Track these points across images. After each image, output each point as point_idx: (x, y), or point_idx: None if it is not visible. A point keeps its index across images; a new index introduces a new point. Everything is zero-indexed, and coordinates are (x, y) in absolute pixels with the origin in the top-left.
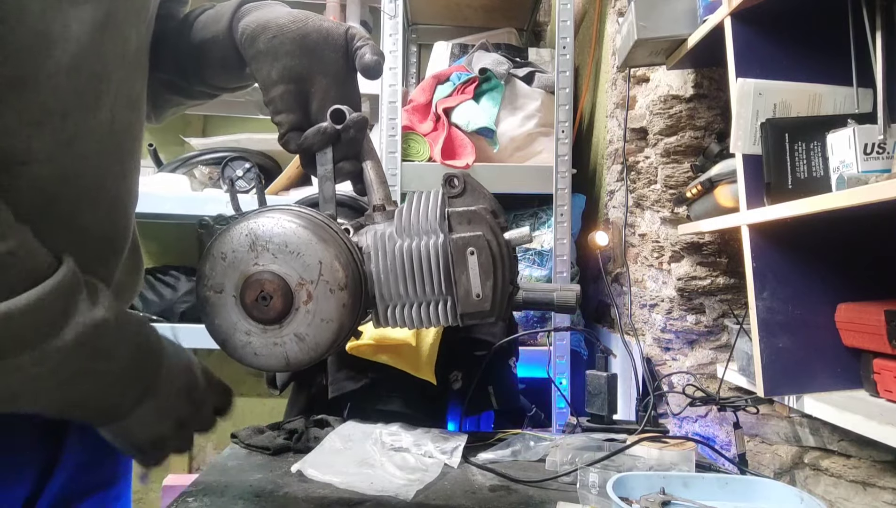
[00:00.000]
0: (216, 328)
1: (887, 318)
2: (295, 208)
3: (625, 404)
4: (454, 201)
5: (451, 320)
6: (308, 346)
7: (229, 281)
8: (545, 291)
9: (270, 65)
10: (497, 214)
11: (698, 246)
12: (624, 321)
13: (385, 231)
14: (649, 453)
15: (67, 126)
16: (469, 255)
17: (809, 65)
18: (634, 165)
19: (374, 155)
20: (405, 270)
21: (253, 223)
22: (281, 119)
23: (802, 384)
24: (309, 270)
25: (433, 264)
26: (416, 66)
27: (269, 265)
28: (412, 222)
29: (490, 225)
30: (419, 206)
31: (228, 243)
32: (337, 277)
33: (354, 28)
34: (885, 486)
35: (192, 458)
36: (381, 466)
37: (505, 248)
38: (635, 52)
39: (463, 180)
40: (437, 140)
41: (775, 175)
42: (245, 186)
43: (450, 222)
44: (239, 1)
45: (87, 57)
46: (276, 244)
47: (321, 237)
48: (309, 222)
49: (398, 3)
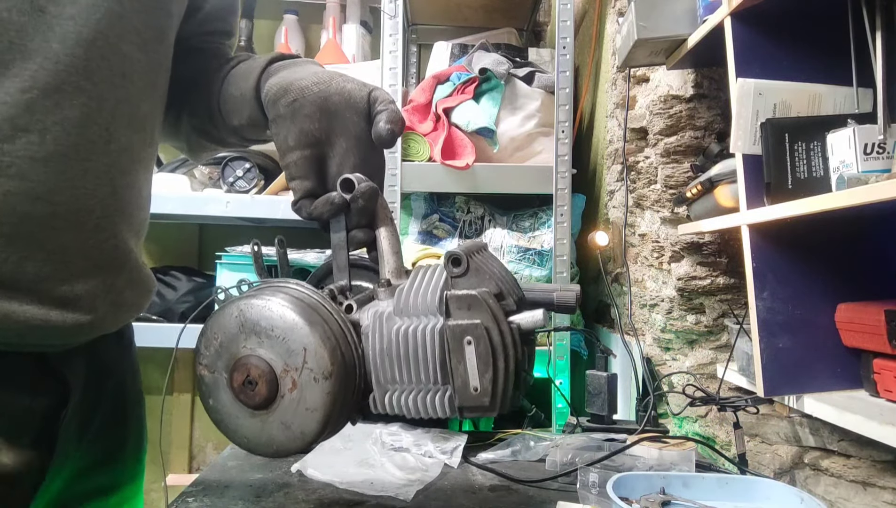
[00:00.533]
0: (210, 407)
1: (887, 318)
2: (294, 286)
3: (625, 404)
4: (457, 281)
5: (450, 412)
6: (294, 435)
7: (221, 362)
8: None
9: (288, 129)
10: (504, 295)
11: (698, 246)
12: (624, 321)
13: (384, 310)
14: (649, 453)
15: (46, 143)
16: (466, 344)
17: (809, 65)
18: (634, 165)
19: (388, 221)
20: (401, 354)
21: (244, 304)
22: (295, 185)
23: (802, 384)
24: (293, 356)
25: (429, 351)
26: (416, 66)
27: (257, 349)
28: (411, 301)
29: (492, 311)
30: (420, 284)
31: (220, 323)
32: (321, 364)
33: (378, 91)
34: (885, 486)
35: (193, 458)
36: (381, 466)
37: (509, 336)
38: (635, 52)
39: (466, 260)
40: (437, 140)
41: (775, 175)
42: (245, 186)
43: (448, 307)
44: (269, 58)
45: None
46: (262, 328)
47: (309, 321)
48: (301, 304)
49: (398, 3)
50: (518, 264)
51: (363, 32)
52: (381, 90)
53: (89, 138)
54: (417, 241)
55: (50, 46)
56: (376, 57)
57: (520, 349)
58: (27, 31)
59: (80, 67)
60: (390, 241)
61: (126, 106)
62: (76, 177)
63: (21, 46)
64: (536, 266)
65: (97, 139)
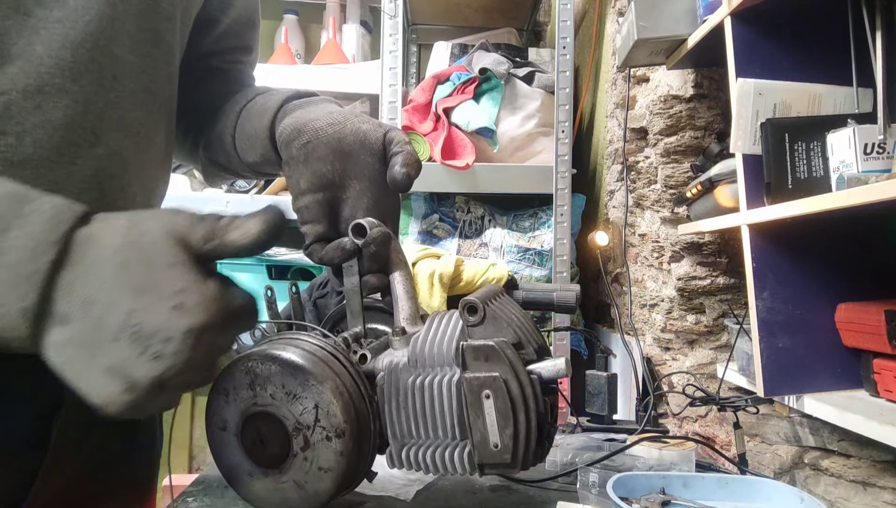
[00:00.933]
0: (222, 464)
1: (887, 318)
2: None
3: (625, 404)
4: (473, 330)
5: (470, 469)
6: (308, 494)
7: (231, 419)
8: (545, 291)
9: (301, 172)
10: (523, 344)
11: (698, 246)
12: (624, 321)
13: (399, 360)
14: (649, 453)
15: (24, 145)
16: (484, 398)
17: (809, 65)
18: (634, 165)
19: (403, 265)
20: (416, 408)
21: (254, 359)
22: (306, 229)
23: (802, 384)
24: (305, 414)
25: (446, 406)
26: (416, 66)
27: (267, 406)
28: (426, 352)
29: (510, 362)
30: (436, 333)
31: (230, 379)
32: (334, 422)
33: (394, 132)
34: (885, 486)
35: (193, 458)
36: (380, 466)
37: (529, 388)
38: (635, 52)
39: (482, 308)
40: (438, 140)
41: (775, 175)
42: (245, 186)
43: (464, 358)
44: (285, 96)
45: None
46: (273, 384)
47: (321, 376)
48: (313, 358)
49: (398, 3)
50: (518, 264)
51: (363, 32)
52: (397, 131)
53: (73, 141)
54: (417, 241)
55: (34, 49)
56: (376, 57)
57: (541, 400)
58: (11, 34)
59: (66, 70)
60: (405, 286)
61: (116, 109)
62: (59, 180)
63: (3, 50)
64: (536, 266)
65: (82, 142)
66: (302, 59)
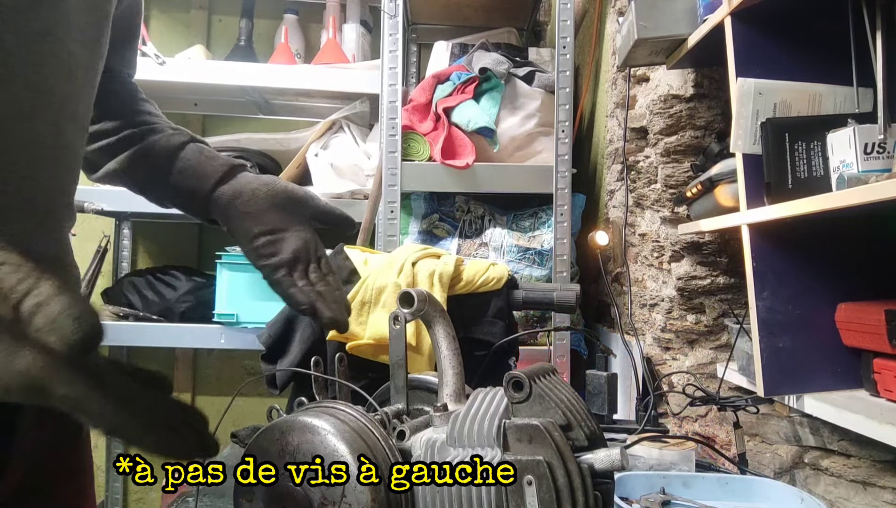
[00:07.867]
0: None
1: (887, 318)
2: (343, 407)
3: (625, 403)
4: (518, 408)
5: None
6: None
7: (259, 491)
8: (545, 290)
9: (251, 223)
10: (572, 426)
11: (698, 246)
12: (624, 321)
13: (437, 439)
14: (649, 453)
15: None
16: (526, 485)
17: (809, 64)
18: (634, 164)
19: (449, 338)
20: (452, 491)
21: (286, 427)
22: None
23: (802, 383)
24: (332, 490)
25: (484, 490)
26: (416, 66)
27: None
28: (466, 430)
29: (557, 446)
30: (478, 410)
31: (262, 447)
32: (360, 499)
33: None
34: (885, 486)
35: None
36: None
37: (578, 477)
38: (635, 51)
39: (529, 385)
40: (437, 140)
41: (775, 175)
42: None
43: (506, 438)
44: (221, 176)
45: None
46: (302, 454)
47: (351, 449)
48: (344, 427)
49: (398, 3)
50: (518, 264)
51: (363, 32)
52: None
53: (39, 131)
54: (417, 240)
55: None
56: (376, 57)
57: (591, 494)
58: None
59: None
60: (451, 362)
61: (70, 103)
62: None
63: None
64: (536, 266)
65: (47, 133)
66: (302, 58)
